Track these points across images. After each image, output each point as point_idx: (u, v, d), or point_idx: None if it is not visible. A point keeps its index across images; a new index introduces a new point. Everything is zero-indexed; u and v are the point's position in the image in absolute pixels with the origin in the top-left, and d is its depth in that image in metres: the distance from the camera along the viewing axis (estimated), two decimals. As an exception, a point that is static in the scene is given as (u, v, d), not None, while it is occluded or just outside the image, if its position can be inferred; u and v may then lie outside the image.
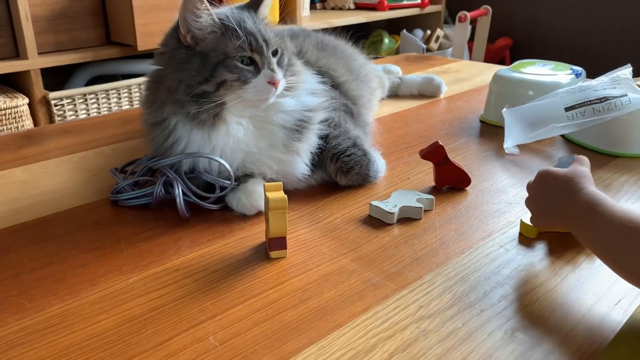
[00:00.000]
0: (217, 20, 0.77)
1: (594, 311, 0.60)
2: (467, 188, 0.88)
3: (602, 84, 1.02)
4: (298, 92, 0.85)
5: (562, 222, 0.67)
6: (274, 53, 0.81)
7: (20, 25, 1.79)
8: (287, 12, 2.50)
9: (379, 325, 0.57)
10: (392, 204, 0.79)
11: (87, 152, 1.04)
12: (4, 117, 1.73)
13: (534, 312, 0.59)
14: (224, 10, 0.81)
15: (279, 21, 2.24)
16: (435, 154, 0.86)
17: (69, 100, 1.88)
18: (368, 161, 0.87)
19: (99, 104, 1.95)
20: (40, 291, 0.63)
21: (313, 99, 0.86)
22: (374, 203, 0.79)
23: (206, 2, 0.75)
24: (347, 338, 0.56)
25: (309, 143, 0.84)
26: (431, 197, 0.82)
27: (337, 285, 0.64)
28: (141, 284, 0.64)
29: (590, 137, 1.04)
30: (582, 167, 0.69)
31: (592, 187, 0.65)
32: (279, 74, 0.79)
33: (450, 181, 0.87)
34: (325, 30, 1.35)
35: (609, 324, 0.58)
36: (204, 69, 0.76)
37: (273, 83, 0.78)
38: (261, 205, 0.78)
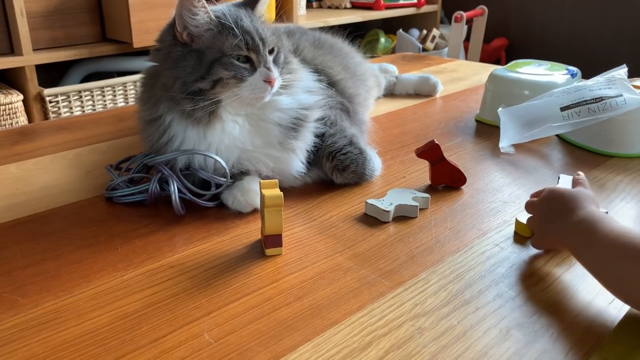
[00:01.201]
0: (213, 17, 0.77)
1: (588, 310, 0.60)
2: (463, 187, 0.88)
3: (598, 84, 1.02)
4: (294, 90, 0.85)
5: (560, 239, 0.66)
6: (270, 51, 0.81)
7: (15, 22, 1.78)
8: (283, 11, 2.50)
9: (375, 323, 0.57)
10: (388, 202, 0.79)
11: (82, 148, 1.04)
12: (-2, 113, 1.73)
13: (528, 310, 0.59)
14: (220, 7, 0.81)
15: (275, 20, 2.23)
16: (431, 152, 0.86)
17: (63, 97, 1.87)
18: (364, 159, 0.87)
19: (94, 101, 1.94)
20: (34, 287, 0.63)
21: (309, 97, 0.86)
22: (370, 201, 0.79)
23: None
24: (342, 335, 0.55)
25: (305, 141, 0.84)
26: (427, 195, 0.82)
27: (333, 282, 0.64)
28: (136, 280, 0.64)
29: (585, 137, 1.04)
30: (587, 189, 0.69)
31: (594, 207, 0.65)
32: (275, 73, 0.79)
33: (446, 180, 0.87)
34: (321, 29, 1.35)
35: (603, 323, 0.58)
36: (199, 66, 0.76)
37: (269, 81, 0.78)
38: (257, 202, 0.78)
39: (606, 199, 0.84)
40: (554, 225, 0.66)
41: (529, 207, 0.72)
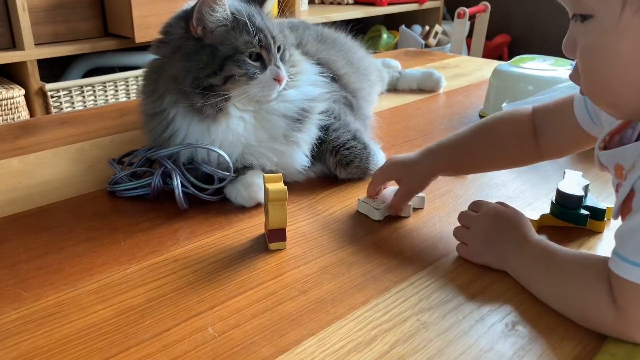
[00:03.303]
0: (229, 14, 0.77)
1: (594, 305, 0.59)
2: (467, 183, 0.87)
3: (603, 80, 1.02)
4: (299, 83, 0.84)
5: (499, 261, 0.64)
6: (278, 49, 0.81)
7: (17, 16, 1.78)
8: (286, 6, 2.49)
9: (379, 317, 0.57)
10: (380, 201, 0.78)
11: (85, 143, 1.03)
12: (-1, 108, 1.73)
13: (534, 304, 0.59)
14: (233, 3, 0.80)
15: (278, 15, 2.23)
16: None
17: (65, 92, 1.87)
18: (368, 154, 0.87)
19: (95, 96, 1.94)
20: (37, 281, 0.63)
21: (314, 89, 0.86)
22: (362, 199, 0.78)
23: None
24: (347, 330, 0.55)
25: (309, 134, 0.84)
26: (422, 195, 0.80)
27: (337, 277, 0.64)
28: (139, 274, 0.64)
29: (589, 132, 1.04)
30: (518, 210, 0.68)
31: (535, 234, 0.64)
32: (284, 71, 0.79)
33: None
34: (323, 25, 1.34)
35: (609, 318, 0.57)
36: (212, 62, 0.76)
37: (278, 80, 0.78)
38: (260, 197, 0.78)
39: (610, 195, 0.83)
40: (496, 246, 0.65)
41: (464, 218, 0.69)
